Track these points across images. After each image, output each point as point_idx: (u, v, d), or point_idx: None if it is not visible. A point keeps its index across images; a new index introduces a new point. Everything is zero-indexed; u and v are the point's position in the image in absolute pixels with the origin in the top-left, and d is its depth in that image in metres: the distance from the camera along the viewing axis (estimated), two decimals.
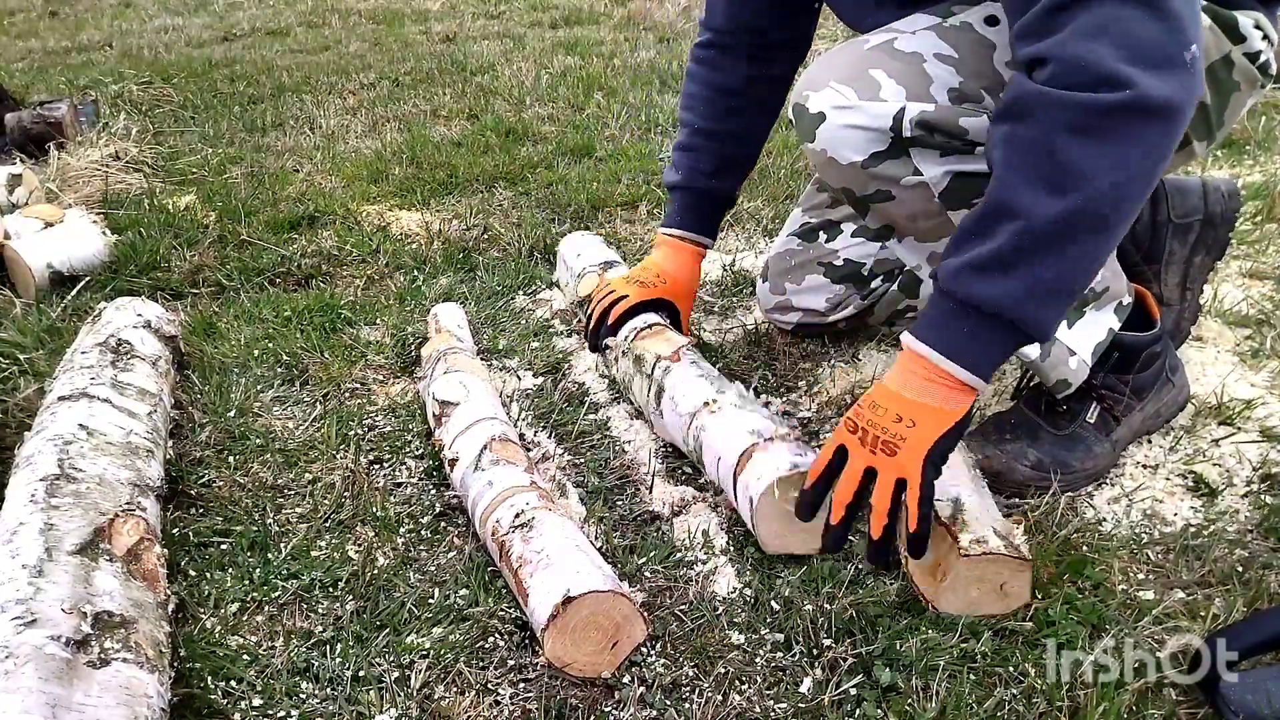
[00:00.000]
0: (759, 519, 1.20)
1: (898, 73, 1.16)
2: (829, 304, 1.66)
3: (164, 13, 5.86)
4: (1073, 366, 1.32)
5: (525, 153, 2.89)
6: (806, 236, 1.67)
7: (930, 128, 1.15)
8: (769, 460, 1.20)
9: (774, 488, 1.18)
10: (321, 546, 1.31)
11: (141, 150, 2.94)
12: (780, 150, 2.72)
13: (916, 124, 1.14)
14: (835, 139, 1.18)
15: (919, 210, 1.23)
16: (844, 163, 1.19)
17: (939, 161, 1.18)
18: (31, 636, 0.93)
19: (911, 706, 1.02)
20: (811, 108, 1.19)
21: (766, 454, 1.21)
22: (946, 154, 1.17)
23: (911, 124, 1.14)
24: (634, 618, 1.08)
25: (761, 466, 1.20)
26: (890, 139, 1.16)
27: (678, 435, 1.41)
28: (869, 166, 1.18)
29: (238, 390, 1.68)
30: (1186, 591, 1.19)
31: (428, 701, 1.06)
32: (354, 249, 2.25)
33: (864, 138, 1.17)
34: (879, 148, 1.17)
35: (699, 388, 1.40)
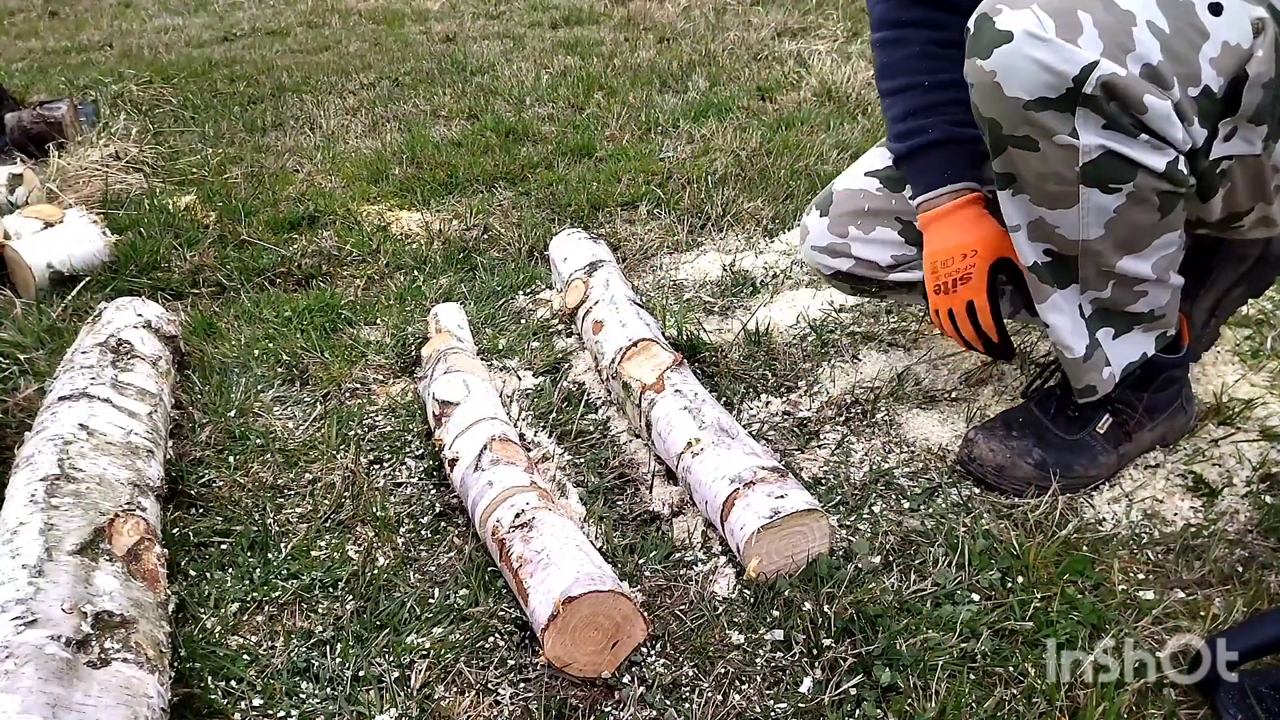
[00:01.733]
0: (747, 560, 1.21)
1: (1105, 25, 1.05)
2: (892, 261, 1.51)
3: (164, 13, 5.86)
4: (1104, 376, 1.31)
5: (525, 153, 2.90)
6: (891, 184, 1.50)
7: (1112, 93, 1.06)
8: (750, 510, 1.21)
9: (755, 537, 1.19)
10: (321, 546, 1.31)
11: (141, 150, 2.94)
12: (780, 150, 2.72)
13: (1101, 84, 1.05)
14: (1011, 66, 1.08)
15: (1055, 172, 1.14)
16: (1008, 94, 1.09)
17: (1099, 132, 1.09)
18: (31, 636, 0.93)
19: (911, 706, 1.02)
20: (1000, 24, 1.08)
21: (747, 503, 1.22)
22: (1110, 127, 1.09)
23: (1096, 82, 1.05)
24: (634, 618, 1.08)
25: (744, 516, 1.21)
26: (1067, 90, 1.06)
27: (672, 465, 1.42)
28: (1030, 109, 1.09)
29: (238, 390, 1.68)
30: (1186, 591, 1.19)
31: (428, 701, 1.06)
32: (354, 249, 2.26)
33: (1042, 77, 1.07)
34: (1051, 94, 1.07)
35: (682, 426, 1.39)
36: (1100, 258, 1.19)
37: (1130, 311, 1.27)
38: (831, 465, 1.45)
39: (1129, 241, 1.18)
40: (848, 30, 4.21)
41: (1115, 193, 1.12)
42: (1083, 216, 1.15)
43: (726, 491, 1.25)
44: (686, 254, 2.21)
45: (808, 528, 1.20)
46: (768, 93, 3.38)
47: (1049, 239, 1.20)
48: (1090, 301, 1.25)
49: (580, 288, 1.82)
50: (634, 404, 1.50)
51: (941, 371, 1.66)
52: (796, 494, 1.22)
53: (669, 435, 1.39)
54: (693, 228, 2.33)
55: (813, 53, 3.79)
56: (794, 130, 2.93)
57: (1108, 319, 1.28)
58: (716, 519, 1.27)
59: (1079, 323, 1.27)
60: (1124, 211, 1.14)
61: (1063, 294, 1.25)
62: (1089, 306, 1.26)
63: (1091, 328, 1.27)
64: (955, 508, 1.33)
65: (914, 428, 1.53)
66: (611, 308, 1.71)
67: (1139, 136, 1.08)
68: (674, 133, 3.02)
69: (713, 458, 1.31)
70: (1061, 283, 1.24)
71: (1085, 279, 1.22)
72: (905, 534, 1.29)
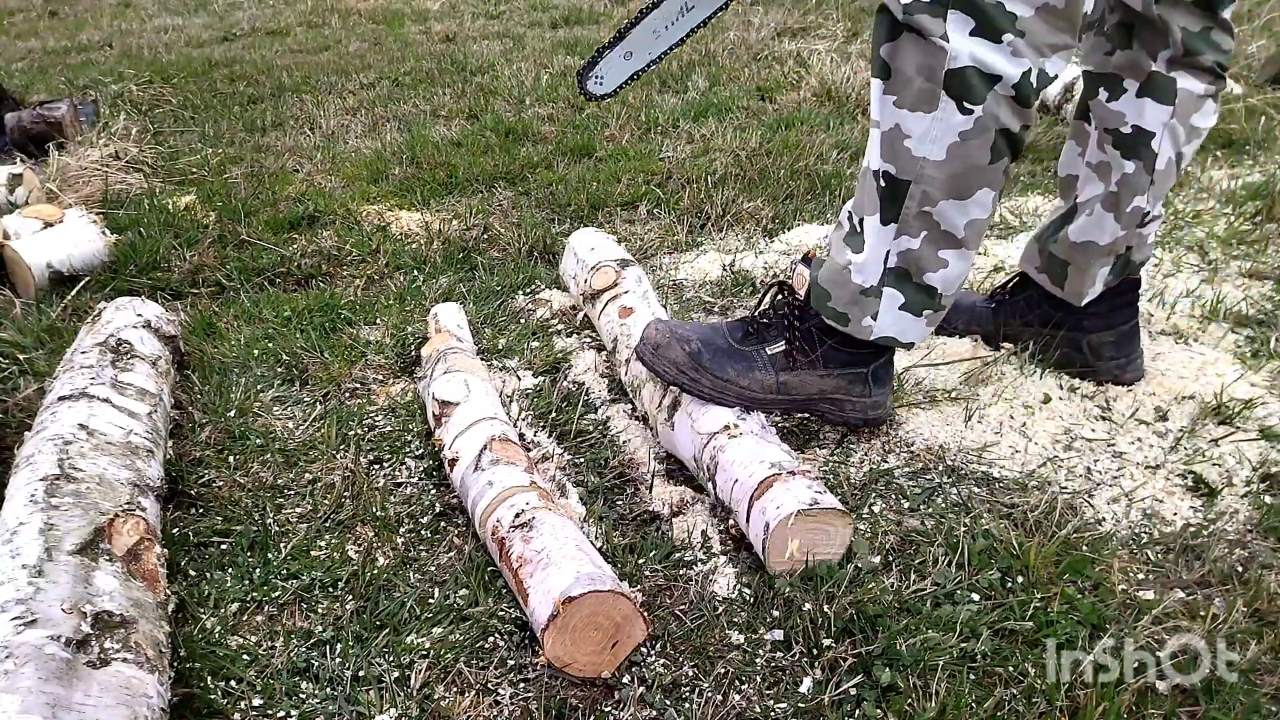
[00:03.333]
0: (772, 544, 1.20)
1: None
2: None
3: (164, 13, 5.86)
4: (864, 324, 1.37)
5: (525, 153, 2.89)
6: None
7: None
8: (790, 494, 1.21)
9: (792, 519, 1.18)
10: (321, 546, 1.31)
11: (141, 150, 2.94)
12: (780, 150, 2.72)
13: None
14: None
15: (928, 65, 1.22)
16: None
17: (968, 39, 1.18)
18: (31, 636, 0.93)
19: (911, 706, 1.02)
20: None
21: (787, 487, 1.22)
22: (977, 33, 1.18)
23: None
24: (634, 618, 1.08)
25: (781, 496, 1.21)
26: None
27: (687, 450, 1.41)
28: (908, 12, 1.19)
29: (238, 390, 1.68)
30: (1186, 591, 1.19)
31: (428, 701, 1.06)
32: (354, 249, 2.26)
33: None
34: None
35: (720, 410, 1.40)
36: (929, 191, 1.26)
37: (927, 284, 1.33)
38: (831, 465, 1.45)
39: (958, 180, 1.25)
40: (847, 30, 4.21)
41: (968, 114, 1.20)
42: (934, 128, 1.22)
43: (766, 473, 1.25)
44: (686, 254, 2.21)
45: (834, 529, 1.20)
46: (767, 93, 3.38)
47: (896, 157, 1.25)
48: (898, 254, 1.31)
49: (611, 274, 1.82)
50: (660, 385, 1.50)
51: (941, 371, 1.66)
52: (832, 496, 1.24)
53: (703, 417, 1.40)
54: (693, 228, 2.33)
55: (812, 53, 3.79)
56: (794, 130, 2.93)
57: (903, 284, 1.34)
58: (743, 498, 1.26)
59: (877, 265, 1.32)
60: (966, 139, 1.22)
61: (880, 230, 1.30)
62: (894, 258, 1.32)
63: (884, 280, 1.33)
64: (955, 508, 1.33)
65: (914, 428, 1.53)
66: (644, 300, 1.73)
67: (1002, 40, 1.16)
68: (674, 133, 3.01)
69: (752, 443, 1.32)
70: (885, 215, 1.29)
71: (905, 218, 1.28)
72: (905, 534, 1.29)
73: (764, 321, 1.45)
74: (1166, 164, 1.44)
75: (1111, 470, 1.42)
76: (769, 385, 1.41)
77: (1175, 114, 1.40)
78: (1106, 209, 1.50)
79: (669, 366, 1.41)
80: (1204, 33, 1.37)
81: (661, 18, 1.62)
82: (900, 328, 1.37)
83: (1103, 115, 1.46)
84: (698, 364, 1.40)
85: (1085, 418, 1.54)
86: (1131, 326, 1.60)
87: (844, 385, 1.44)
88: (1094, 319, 1.60)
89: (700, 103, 3.27)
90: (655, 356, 1.43)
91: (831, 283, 1.38)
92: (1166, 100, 1.40)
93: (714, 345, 1.42)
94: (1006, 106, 1.20)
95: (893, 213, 1.29)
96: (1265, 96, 2.96)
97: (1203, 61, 1.38)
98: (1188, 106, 1.41)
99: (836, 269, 1.37)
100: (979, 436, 1.50)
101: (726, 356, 1.41)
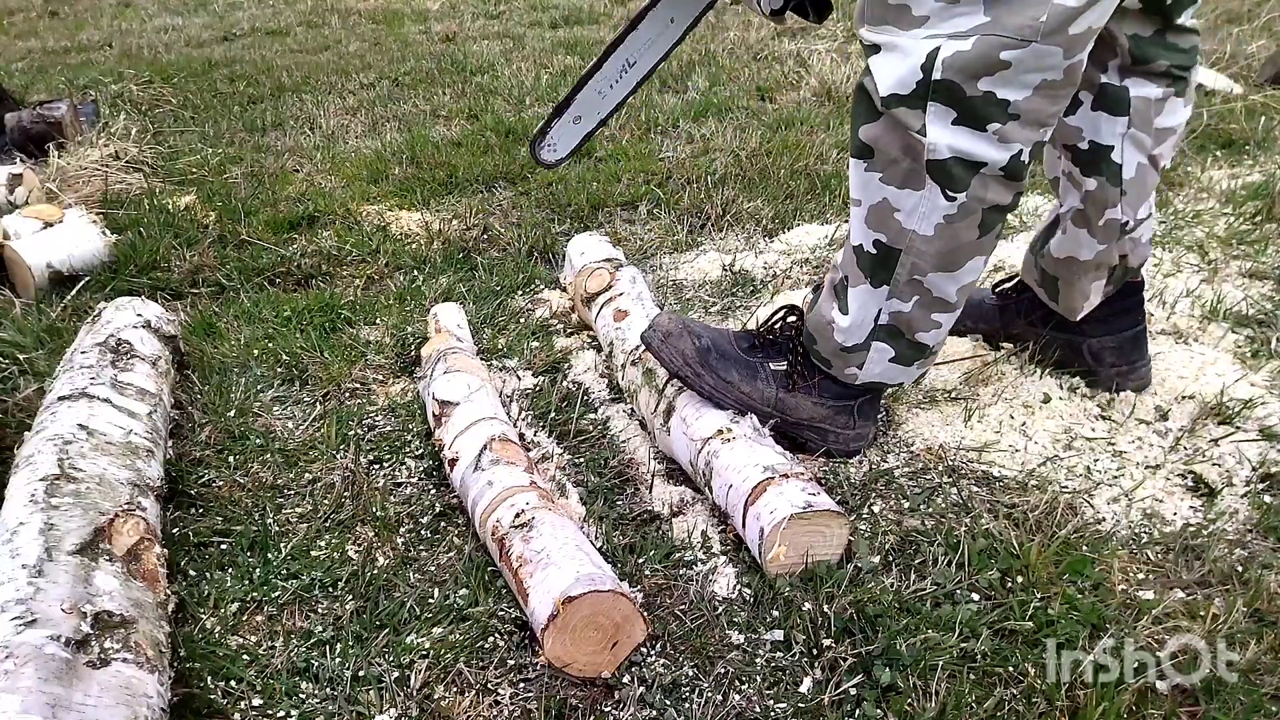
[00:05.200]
0: (768, 549, 1.21)
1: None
2: None
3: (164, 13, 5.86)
4: (848, 372, 1.37)
5: (525, 153, 2.89)
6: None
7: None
8: (783, 497, 1.21)
9: (785, 523, 1.18)
10: (321, 546, 1.31)
11: (141, 150, 2.94)
12: (780, 150, 2.72)
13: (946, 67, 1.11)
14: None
15: (912, 147, 1.20)
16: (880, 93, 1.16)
17: (948, 129, 1.16)
18: (31, 636, 0.93)
19: (911, 706, 1.02)
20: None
21: (780, 491, 1.22)
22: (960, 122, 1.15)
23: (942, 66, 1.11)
24: (634, 618, 1.08)
25: (776, 501, 1.21)
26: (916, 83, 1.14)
27: (684, 455, 1.41)
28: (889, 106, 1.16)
29: (238, 390, 1.68)
30: (1186, 591, 1.19)
31: (428, 701, 1.06)
32: (354, 249, 2.25)
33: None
34: (902, 90, 1.15)
35: (713, 413, 1.39)
36: (918, 263, 1.24)
37: (918, 341, 1.33)
38: (831, 465, 1.45)
39: (947, 256, 1.23)
40: (847, 30, 4.21)
41: (951, 200, 1.18)
42: (922, 205, 1.19)
43: (760, 477, 1.25)
44: (686, 254, 2.21)
45: (830, 530, 1.21)
46: (767, 93, 3.38)
47: (885, 227, 1.23)
48: (889, 314, 1.30)
49: (605, 276, 1.82)
50: (655, 389, 1.50)
51: (941, 371, 1.66)
52: (826, 496, 1.24)
53: (697, 421, 1.39)
54: (692, 228, 2.33)
55: (812, 53, 3.79)
56: (794, 130, 2.93)
57: (895, 340, 1.33)
58: (739, 503, 1.26)
59: (866, 324, 1.32)
60: (952, 221, 1.19)
61: (871, 291, 1.29)
62: (886, 317, 1.31)
63: (874, 335, 1.33)
64: (955, 507, 1.33)
65: (914, 428, 1.53)
66: (638, 302, 1.73)
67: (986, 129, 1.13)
68: (674, 133, 3.02)
69: (746, 447, 1.32)
70: (875, 280, 1.28)
71: (897, 282, 1.27)
72: (905, 534, 1.29)
73: (770, 338, 1.44)
74: (1137, 171, 1.39)
75: (1111, 470, 1.42)
76: (768, 398, 1.41)
77: (1132, 123, 1.36)
78: (1078, 225, 1.46)
79: (675, 356, 1.40)
80: (1156, 37, 1.31)
81: (604, 79, 1.62)
82: (890, 375, 1.38)
83: (1060, 131, 1.41)
84: (704, 360, 1.39)
85: (1085, 417, 1.54)
86: (1135, 333, 1.56)
87: (831, 415, 1.42)
88: (1095, 324, 1.56)
89: (700, 103, 3.27)
90: (663, 343, 1.41)
91: (817, 331, 1.38)
92: (1120, 111, 1.36)
93: (721, 348, 1.42)
94: (995, 185, 1.17)
95: (883, 277, 1.28)
96: (1265, 96, 2.96)
97: (1156, 68, 1.33)
98: (1145, 113, 1.36)
99: (821, 321, 1.37)
100: (979, 436, 1.50)
101: (733, 361, 1.41)
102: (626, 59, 1.60)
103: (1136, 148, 1.38)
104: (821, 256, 2.14)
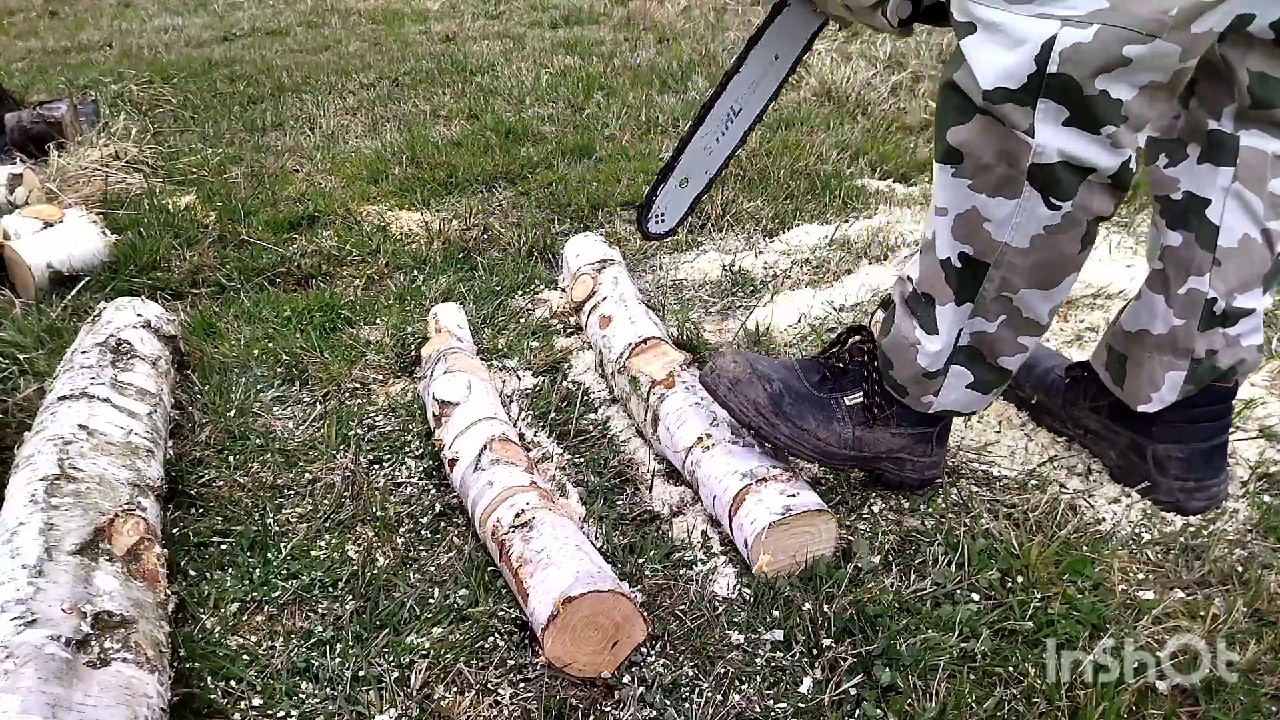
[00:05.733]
0: (753, 557, 1.21)
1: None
2: None
3: (164, 13, 5.86)
4: (924, 400, 1.27)
5: (525, 153, 2.89)
6: None
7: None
8: (761, 504, 1.21)
9: (766, 531, 1.18)
10: (321, 546, 1.31)
11: (141, 150, 2.94)
12: (780, 150, 2.72)
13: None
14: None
15: (1009, 151, 1.07)
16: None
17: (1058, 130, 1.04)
18: (31, 636, 0.93)
19: (911, 706, 1.02)
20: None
21: (759, 498, 1.22)
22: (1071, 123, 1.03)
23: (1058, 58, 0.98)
24: (634, 618, 1.08)
25: (755, 510, 1.21)
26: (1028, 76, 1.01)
27: (675, 461, 1.42)
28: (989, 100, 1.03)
29: (238, 390, 1.68)
30: (1186, 591, 1.19)
31: (428, 701, 1.06)
32: (354, 249, 2.25)
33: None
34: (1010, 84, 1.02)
35: (693, 420, 1.38)
36: (1010, 278, 1.13)
37: (1000, 366, 1.22)
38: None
39: (1043, 271, 1.12)
40: (847, 30, 4.20)
41: (1055, 209, 1.07)
42: (1017, 215, 1.08)
43: (738, 486, 1.25)
44: (686, 254, 2.22)
45: (816, 528, 1.21)
46: None
47: (973, 238, 1.13)
48: (971, 334, 1.20)
49: (588, 283, 1.82)
50: (640, 398, 1.49)
51: None
52: (808, 494, 1.23)
53: (678, 430, 1.39)
54: (693, 228, 2.33)
55: (812, 52, 3.79)
56: (794, 130, 2.93)
57: (975, 364, 1.23)
58: (724, 513, 1.27)
59: (948, 345, 1.21)
60: (1054, 232, 1.08)
61: (954, 309, 1.18)
62: (967, 337, 1.20)
63: (953, 358, 1.22)
64: (955, 507, 1.34)
65: None
66: (620, 304, 1.72)
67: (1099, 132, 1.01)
68: (674, 133, 3.01)
69: (724, 454, 1.31)
70: (960, 297, 1.17)
71: (983, 299, 1.16)
72: (905, 534, 1.29)
73: (839, 366, 1.33)
74: (1240, 242, 1.18)
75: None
76: (845, 440, 1.30)
77: (1239, 177, 1.16)
78: (1154, 290, 1.27)
79: (747, 406, 1.29)
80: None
81: (709, 133, 1.49)
82: (964, 403, 1.27)
83: (1158, 180, 1.24)
84: (778, 408, 1.28)
85: None
86: (1211, 446, 1.32)
87: (910, 444, 1.32)
88: (1164, 426, 1.32)
89: (700, 103, 3.27)
90: (731, 392, 1.30)
91: (895, 354, 1.26)
92: (1225, 161, 1.17)
93: (794, 389, 1.30)
94: (1101, 194, 1.06)
95: (968, 293, 1.16)
96: None
97: (1278, 115, 1.14)
98: (1258, 169, 1.15)
99: (902, 343, 1.24)
100: (979, 436, 1.50)
101: (807, 403, 1.30)
102: (731, 107, 1.47)
103: (1243, 210, 1.18)
104: (821, 256, 2.14)
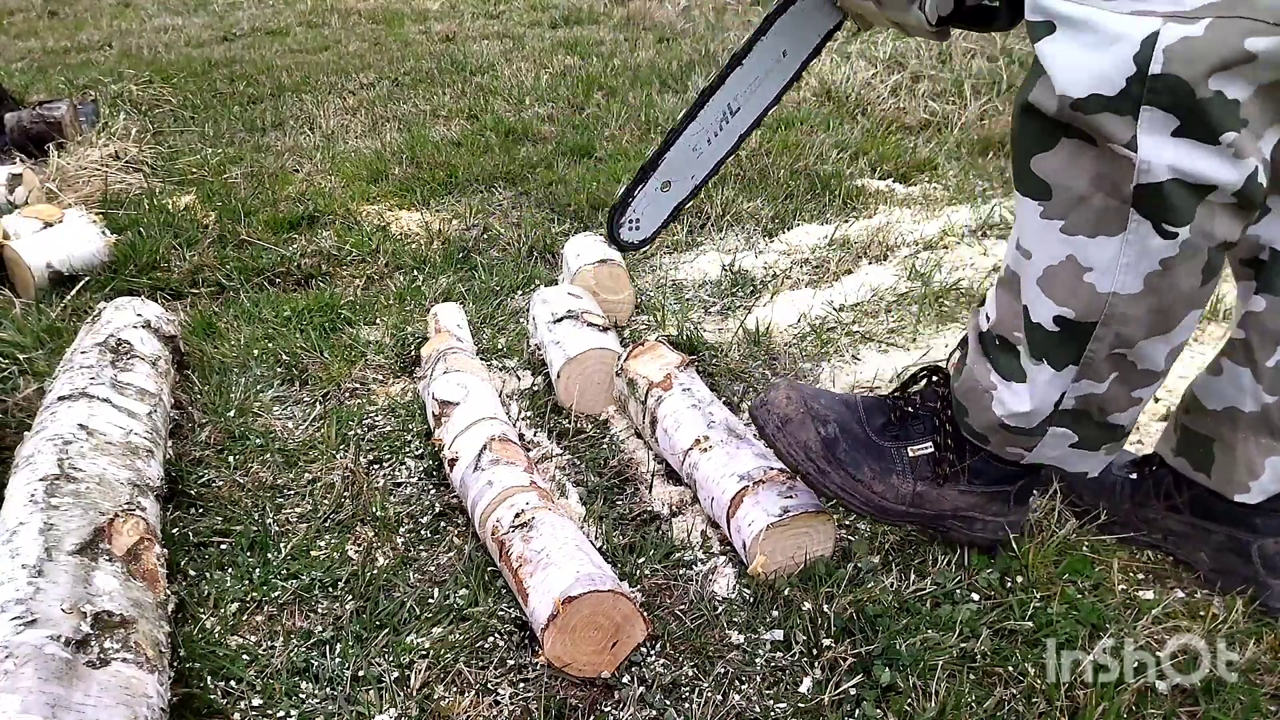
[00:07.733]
0: (753, 557, 1.21)
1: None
2: None
3: (164, 13, 5.86)
4: (1018, 450, 1.12)
5: (525, 153, 2.90)
6: None
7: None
8: (759, 507, 1.21)
9: (763, 534, 1.19)
10: (321, 546, 1.31)
11: (141, 150, 2.94)
12: (780, 150, 2.72)
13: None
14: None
15: (1108, 176, 0.91)
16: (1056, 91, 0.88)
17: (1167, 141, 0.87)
18: (31, 636, 0.93)
19: (911, 706, 1.02)
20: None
21: (756, 500, 1.22)
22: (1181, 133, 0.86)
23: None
24: (634, 618, 1.08)
25: (753, 512, 1.21)
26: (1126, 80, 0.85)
27: (673, 464, 1.42)
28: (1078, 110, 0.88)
29: (238, 390, 1.68)
30: (1186, 591, 1.19)
31: (428, 701, 1.06)
32: (354, 249, 2.26)
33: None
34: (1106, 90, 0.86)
35: (690, 423, 1.38)
36: (1123, 332, 0.96)
37: (1110, 423, 1.06)
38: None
39: (1161, 315, 0.95)
40: (847, 30, 4.21)
41: (1171, 238, 0.90)
42: (1124, 254, 0.92)
43: (736, 488, 1.25)
44: (686, 254, 2.22)
45: (814, 529, 1.21)
46: None
47: (1072, 297, 0.96)
48: (1077, 397, 1.03)
49: (590, 276, 1.83)
50: (638, 401, 1.49)
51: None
52: (805, 495, 1.23)
53: (676, 432, 1.39)
54: (693, 228, 2.33)
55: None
56: (794, 130, 2.93)
57: (1080, 424, 1.07)
58: (722, 515, 1.27)
59: (1044, 407, 1.05)
60: (1170, 266, 0.91)
61: (1055, 375, 1.02)
62: (1072, 401, 1.04)
63: (1051, 421, 1.06)
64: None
65: None
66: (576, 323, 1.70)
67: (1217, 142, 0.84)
68: None
69: (721, 455, 1.31)
70: (1060, 362, 1.01)
71: (1090, 361, 0.99)
72: (905, 534, 1.29)
73: (909, 410, 1.19)
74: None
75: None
76: (904, 495, 1.17)
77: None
78: (1238, 362, 1.12)
79: (796, 449, 1.18)
80: None
81: (700, 131, 1.33)
82: (1070, 461, 1.11)
83: (1241, 241, 1.03)
84: (831, 454, 1.17)
85: None
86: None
87: (981, 503, 1.17)
88: (1270, 516, 1.16)
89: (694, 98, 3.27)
90: (780, 432, 1.19)
91: (968, 400, 1.12)
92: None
93: (851, 432, 1.18)
94: (1224, 216, 0.88)
95: (1071, 358, 1.00)
96: None
97: None
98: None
99: (976, 389, 1.10)
100: None
101: (864, 450, 1.17)
102: (728, 104, 1.32)
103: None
104: (821, 256, 2.14)
